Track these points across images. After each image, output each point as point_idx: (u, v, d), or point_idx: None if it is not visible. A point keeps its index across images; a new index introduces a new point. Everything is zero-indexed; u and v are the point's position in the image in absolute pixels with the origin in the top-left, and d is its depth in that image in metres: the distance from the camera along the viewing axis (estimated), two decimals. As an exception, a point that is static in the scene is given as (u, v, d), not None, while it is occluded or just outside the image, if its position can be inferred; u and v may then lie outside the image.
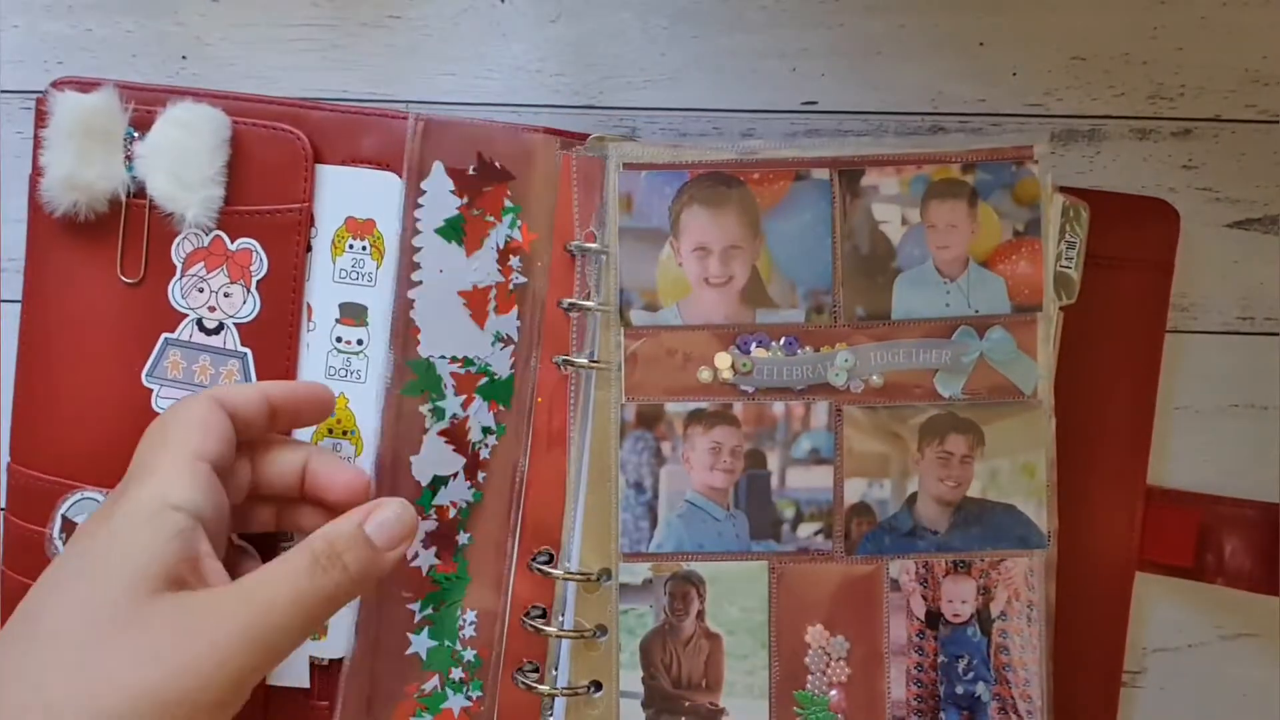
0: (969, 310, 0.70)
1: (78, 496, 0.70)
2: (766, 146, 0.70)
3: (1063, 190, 0.71)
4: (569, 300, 0.71)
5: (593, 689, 0.71)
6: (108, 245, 0.70)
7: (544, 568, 0.71)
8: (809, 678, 0.71)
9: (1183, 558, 0.72)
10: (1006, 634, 0.71)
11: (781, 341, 0.70)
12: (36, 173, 0.69)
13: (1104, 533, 0.72)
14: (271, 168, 0.70)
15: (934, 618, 0.71)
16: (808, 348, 0.71)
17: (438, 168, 0.71)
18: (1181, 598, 0.75)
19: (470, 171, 0.71)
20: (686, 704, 0.71)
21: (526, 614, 0.71)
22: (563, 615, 0.71)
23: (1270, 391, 0.75)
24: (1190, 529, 0.72)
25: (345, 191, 0.71)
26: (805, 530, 0.71)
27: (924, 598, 0.71)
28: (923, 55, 0.74)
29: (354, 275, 0.71)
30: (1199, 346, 0.74)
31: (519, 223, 0.71)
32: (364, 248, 0.71)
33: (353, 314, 0.71)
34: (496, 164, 0.71)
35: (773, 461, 0.71)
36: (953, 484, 0.71)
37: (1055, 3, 0.74)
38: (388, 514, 0.60)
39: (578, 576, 0.70)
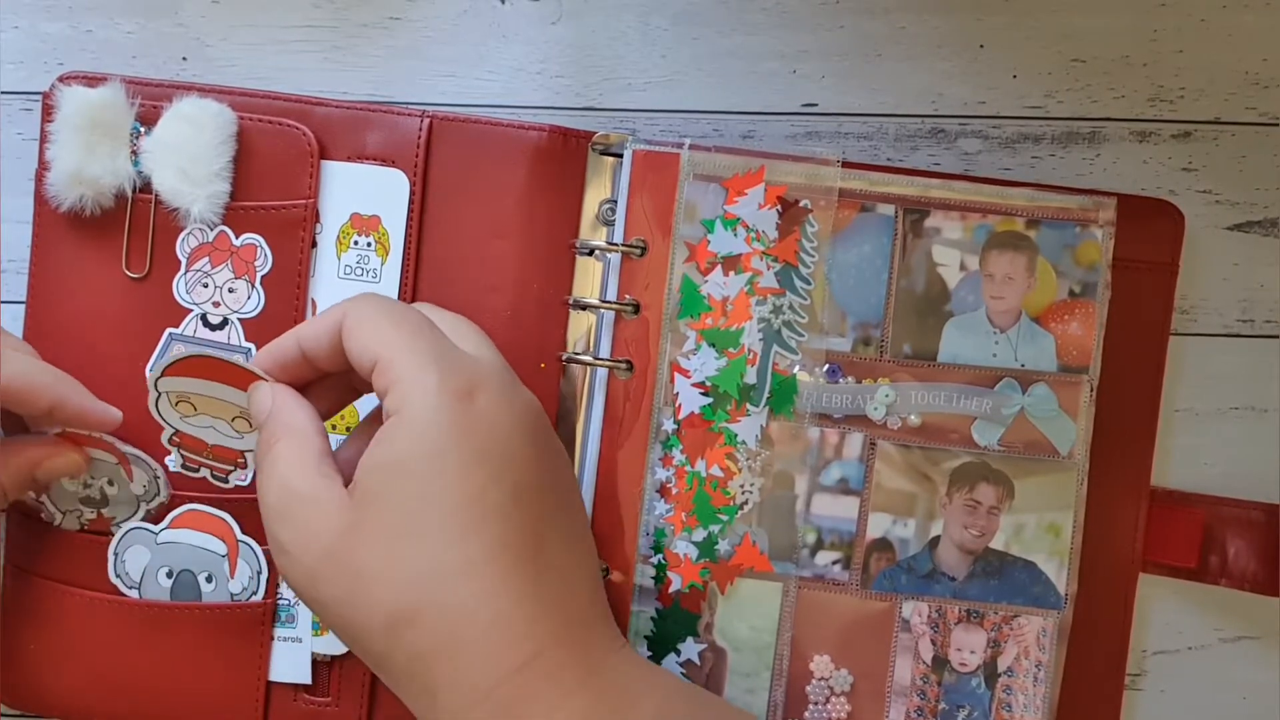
0: (1015, 363, 0.71)
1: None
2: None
3: (1073, 191, 0.72)
4: (576, 298, 0.72)
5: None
6: (113, 240, 0.70)
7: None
8: (808, 708, 0.71)
9: (1187, 559, 0.72)
10: (1011, 690, 0.71)
11: (825, 368, 0.70)
12: (42, 167, 0.70)
13: (1108, 533, 0.72)
14: (277, 163, 0.71)
15: (940, 663, 0.71)
16: (850, 378, 0.71)
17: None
18: (1181, 600, 0.74)
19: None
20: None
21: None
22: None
23: (1270, 394, 0.75)
24: (1195, 530, 0.72)
25: (351, 188, 0.71)
26: (824, 558, 0.71)
27: (933, 642, 0.71)
28: (923, 57, 0.74)
29: (359, 271, 0.71)
30: (1199, 349, 0.74)
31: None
32: (369, 244, 0.71)
33: (357, 310, 0.71)
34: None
35: (800, 484, 0.71)
36: (977, 533, 0.71)
37: (1055, 5, 0.74)
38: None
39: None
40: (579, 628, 0.56)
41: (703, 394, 0.70)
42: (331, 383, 0.64)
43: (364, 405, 0.69)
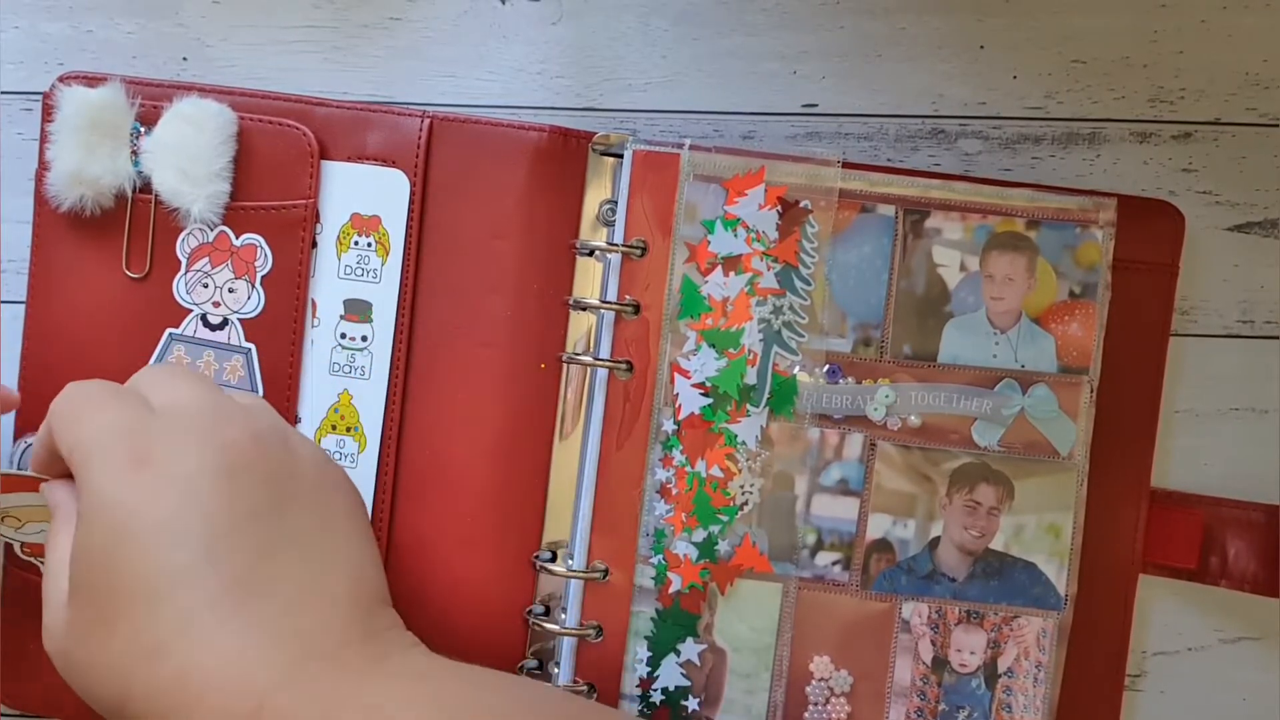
0: (1015, 364, 0.71)
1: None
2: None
3: (1073, 191, 0.71)
4: (576, 299, 0.72)
5: (591, 690, 0.71)
6: (113, 240, 0.70)
7: (547, 565, 0.71)
8: (808, 709, 0.71)
9: (1187, 560, 0.72)
10: (1011, 691, 0.71)
11: (825, 368, 0.70)
12: (42, 167, 0.70)
13: (1108, 534, 0.72)
14: (277, 164, 0.71)
15: (940, 664, 0.71)
16: (850, 378, 0.71)
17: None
18: (1181, 601, 0.74)
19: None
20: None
21: (530, 611, 0.71)
22: (564, 614, 0.71)
23: (1270, 394, 0.75)
24: (1195, 531, 0.72)
25: (351, 188, 0.71)
26: (824, 559, 0.71)
27: (933, 643, 0.71)
28: (923, 58, 0.74)
29: (359, 272, 0.71)
30: (1199, 349, 0.74)
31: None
32: (369, 244, 0.71)
33: (357, 310, 0.71)
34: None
35: (800, 485, 0.71)
36: (977, 534, 0.71)
37: (1055, 6, 0.74)
38: None
39: (582, 574, 0.70)
40: (323, 658, 0.53)
41: (703, 394, 0.70)
42: None
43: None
